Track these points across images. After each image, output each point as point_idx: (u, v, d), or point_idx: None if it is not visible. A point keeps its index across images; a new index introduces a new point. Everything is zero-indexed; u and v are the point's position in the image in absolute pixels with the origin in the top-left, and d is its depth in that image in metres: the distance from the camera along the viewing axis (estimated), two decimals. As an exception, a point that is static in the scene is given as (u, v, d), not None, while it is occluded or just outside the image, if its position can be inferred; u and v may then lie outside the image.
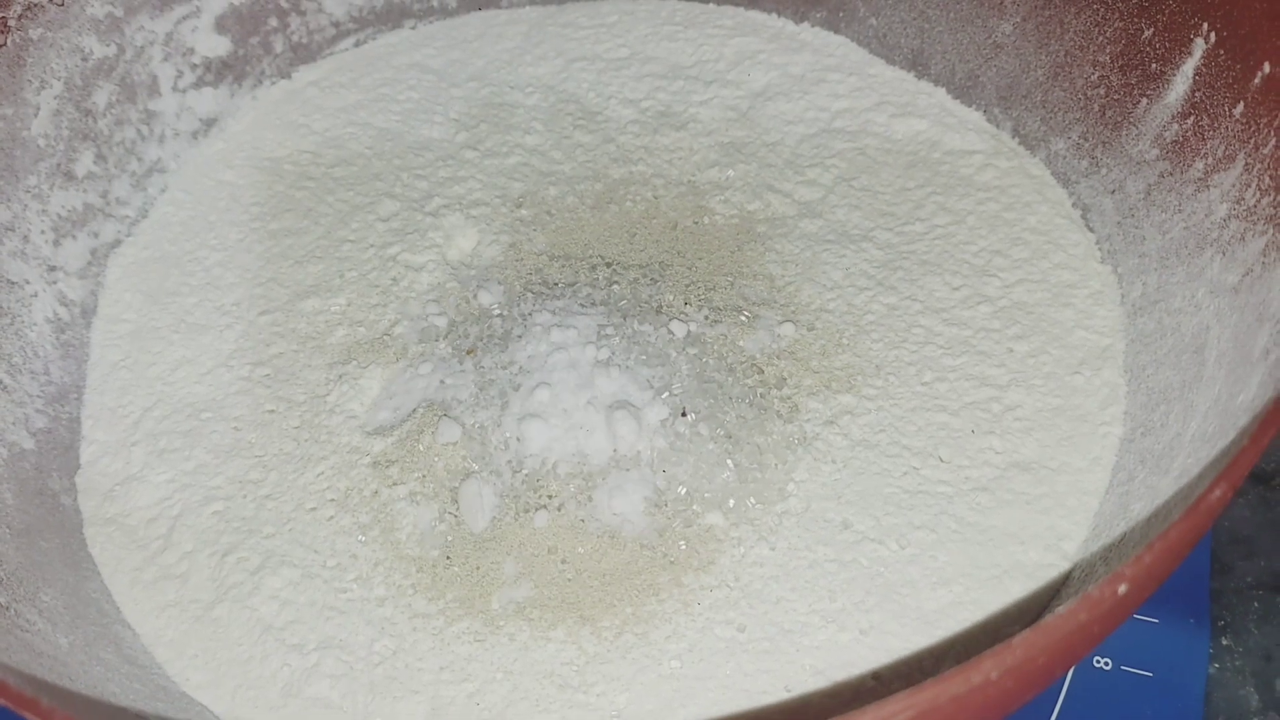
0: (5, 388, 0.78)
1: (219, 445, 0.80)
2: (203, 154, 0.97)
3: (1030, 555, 0.69)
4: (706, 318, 0.82)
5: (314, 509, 0.76)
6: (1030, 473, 0.73)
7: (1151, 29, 0.78)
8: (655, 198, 0.92)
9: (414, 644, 0.69)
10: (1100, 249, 0.83)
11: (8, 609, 0.64)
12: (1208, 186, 0.73)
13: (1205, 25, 0.73)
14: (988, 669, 0.40)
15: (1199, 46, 0.74)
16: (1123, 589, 0.42)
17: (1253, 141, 0.68)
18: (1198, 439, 0.64)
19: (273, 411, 0.81)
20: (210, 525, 0.76)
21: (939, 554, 0.70)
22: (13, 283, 0.82)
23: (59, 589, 0.70)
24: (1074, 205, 0.87)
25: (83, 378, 0.84)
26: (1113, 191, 0.83)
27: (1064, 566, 0.68)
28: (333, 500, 0.76)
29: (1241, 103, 0.70)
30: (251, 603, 0.72)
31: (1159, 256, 0.77)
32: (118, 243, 0.91)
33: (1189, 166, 0.75)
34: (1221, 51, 0.72)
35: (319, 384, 0.82)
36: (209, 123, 0.98)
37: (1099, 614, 0.42)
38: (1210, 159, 0.73)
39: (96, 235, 0.89)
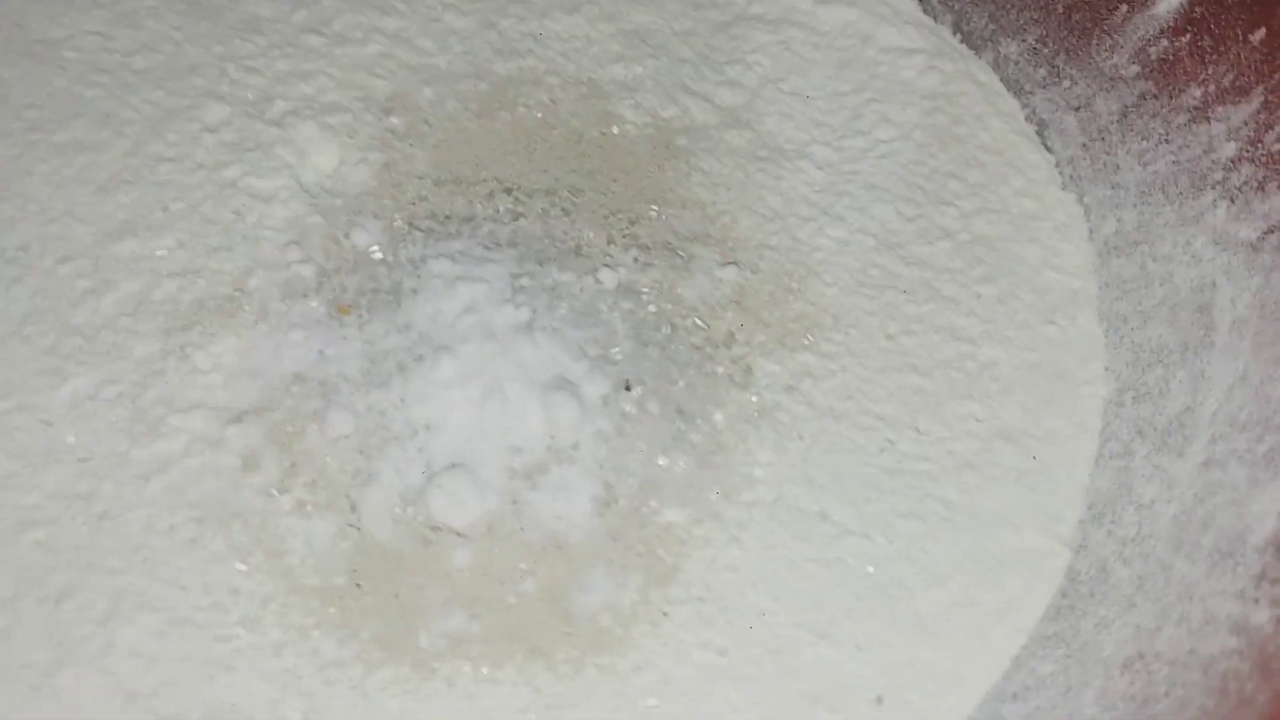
0: None
1: (27, 448, 0.61)
2: (-58, 32, 0.73)
3: (1026, 540, 0.63)
4: (636, 260, 0.69)
5: (170, 529, 0.60)
6: (1015, 443, 0.66)
7: (1141, -76, 0.69)
8: (553, 101, 0.76)
9: (329, 702, 0.57)
10: (1061, 174, 0.76)
11: None
12: (1207, 118, 0.65)
13: (1218, -70, 0.64)
14: None
15: (1205, -47, 0.65)
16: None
17: (1278, 77, 0.60)
18: (1222, 420, 0.58)
19: (93, 398, 0.63)
20: (34, 560, 0.59)
21: (929, 546, 0.63)
22: None
23: None
24: (1028, 120, 0.78)
25: None
26: (1077, 108, 0.74)
27: (1064, 554, 0.62)
28: (194, 517, 0.60)
29: (1263, 28, 0.62)
30: (105, 664, 0.57)
31: (1138, 190, 0.70)
32: None
33: (1181, 91, 0.67)
34: (1238, -36, 0.63)
35: (152, 358, 0.64)
36: (-54, -12, 0.73)
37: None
38: (1213, 87, 0.65)
39: None
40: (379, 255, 0.68)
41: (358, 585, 0.59)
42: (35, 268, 0.66)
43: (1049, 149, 0.77)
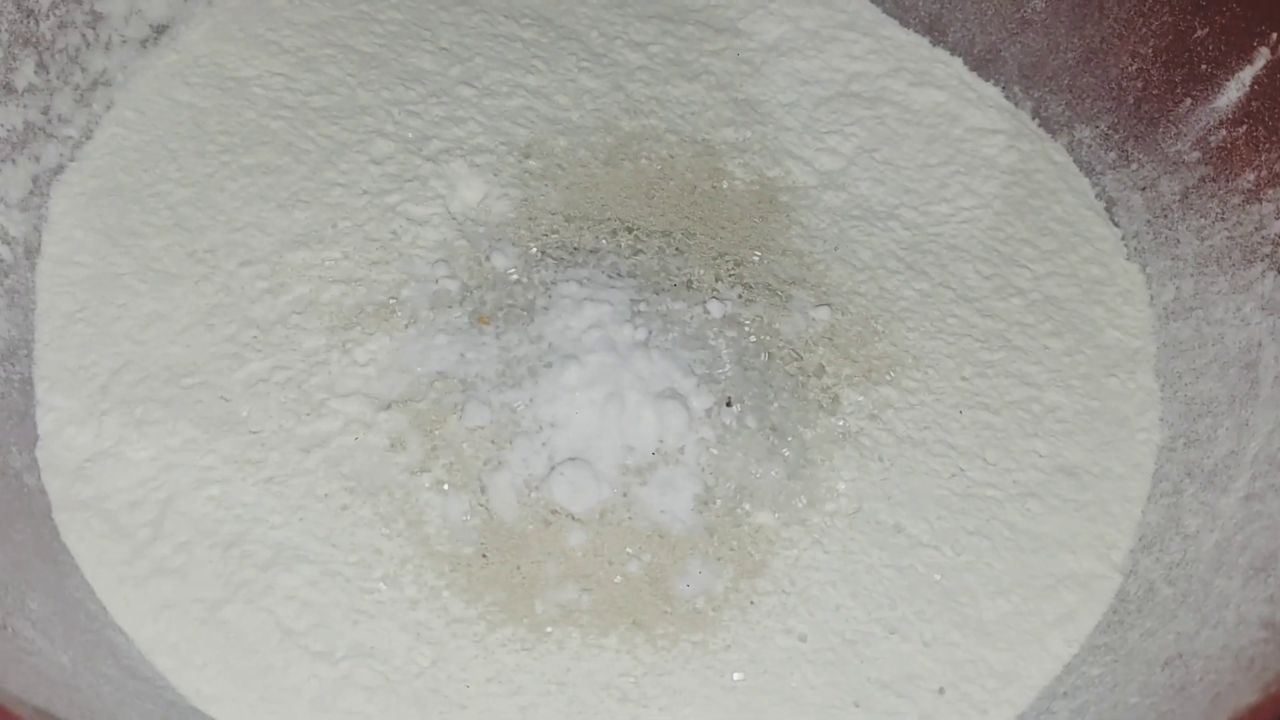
0: (-48, 347, 0.66)
1: (207, 418, 0.71)
2: (153, 66, 0.85)
3: (1082, 564, 0.70)
4: (740, 296, 0.78)
5: (326, 495, 0.69)
6: (1075, 478, 0.73)
7: (1206, 29, 0.77)
8: (670, 156, 0.86)
9: (455, 652, 0.64)
10: (1127, 245, 0.83)
11: (4, 628, 0.55)
12: (1259, 199, 0.73)
13: (1275, 35, 0.72)
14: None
15: (1262, 55, 0.73)
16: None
17: (1324, 164, 0.68)
18: (1263, 460, 0.65)
19: (266, 381, 0.72)
20: (207, 512, 0.68)
21: (994, 561, 0.69)
22: (-51, 217, 0.69)
23: (44, 592, 0.61)
24: (1098, 197, 0.86)
25: (30, 330, 0.73)
26: (1143, 188, 0.82)
27: (1115, 578, 0.69)
28: (347, 487, 0.69)
29: (1313, 122, 0.70)
30: (266, 603, 0.65)
31: (1196, 262, 0.77)
32: (60, 169, 0.79)
33: (1237, 176, 0.75)
34: (1292, 66, 0.71)
35: (317, 350, 0.74)
36: (160, 29, 0.85)
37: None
38: (1265, 172, 0.73)
39: (38, 160, 0.77)
40: (515, 276, 0.78)
41: (484, 556, 0.67)
42: (221, 268, 0.76)
43: (1116, 223, 0.85)
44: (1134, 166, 0.83)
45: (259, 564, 0.66)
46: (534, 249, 0.79)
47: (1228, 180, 0.76)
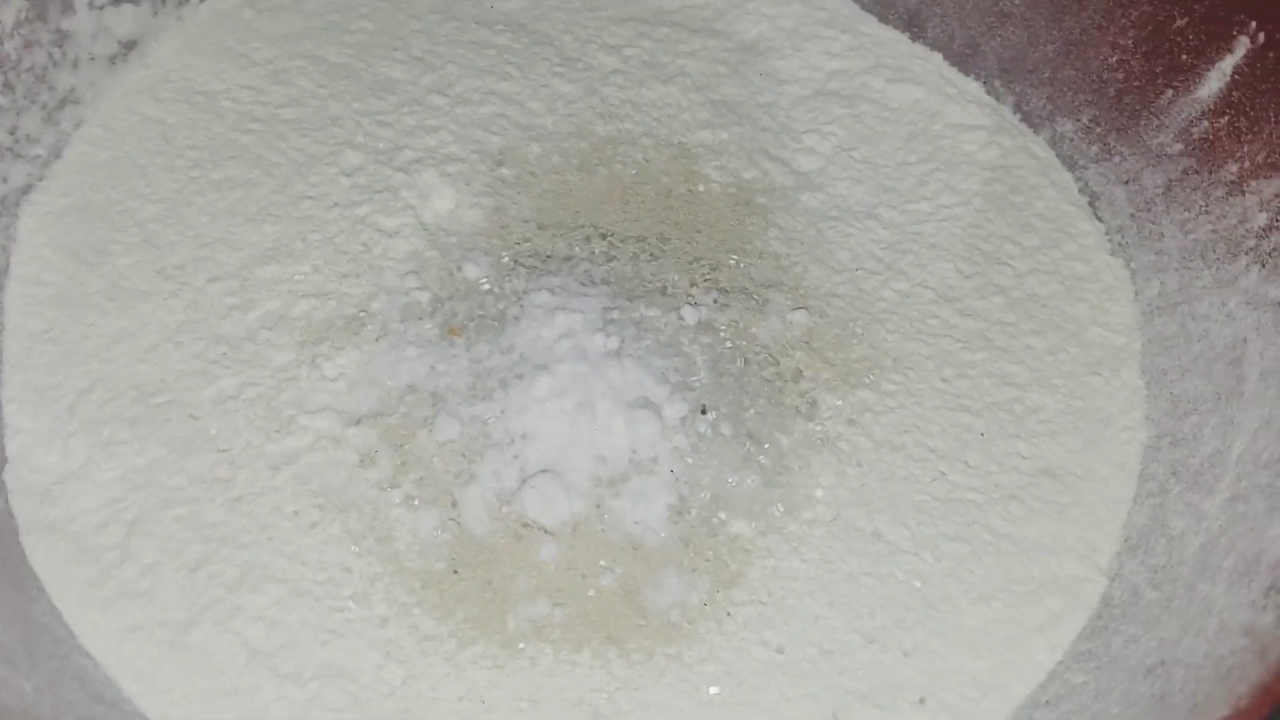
0: (-85, 370, 0.66)
1: (174, 437, 0.70)
2: (122, 83, 0.84)
3: (1066, 568, 0.68)
4: (715, 301, 0.77)
5: (295, 513, 0.68)
6: (1058, 480, 0.71)
7: (1186, 19, 0.76)
8: (646, 160, 0.85)
9: (425, 670, 0.63)
10: (1110, 240, 0.82)
11: (-39, 655, 0.54)
12: (1242, 191, 0.71)
13: (1254, 24, 0.71)
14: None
15: (1242, 44, 0.72)
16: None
17: (1307, 154, 0.67)
18: (1248, 460, 0.63)
19: (235, 398, 0.72)
20: (173, 533, 0.67)
21: (975, 567, 0.68)
22: (-87, 240, 0.69)
23: (8, 616, 0.60)
24: (1081, 191, 0.85)
25: (-1, 351, 0.73)
26: (1126, 182, 0.81)
27: (1100, 581, 0.67)
28: (316, 504, 0.68)
29: (1294, 111, 0.68)
30: (234, 625, 0.64)
31: (1180, 256, 0.76)
32: (29, 189, 0.78)
33: (1220, 167, 0.73)
34: (1271, 53, 0.70)
35: (286, 366, 0.73)
36: (129, 45, 0.85)
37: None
38: (1248, 163, 0.71)
39: (5, 180, 0.77)
40: (487, 286, 0.77)
41: (455, 571, 0.66)
42: (190, 284, 0.76)
43: (1099, 218, 0.83)
44: (1116, 160, 0.82)
45: (227, 584, 0.65)
46: (506, 258, 0.78)
47: (1210, 172, 0.74)
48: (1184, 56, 0.76)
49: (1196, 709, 0.50)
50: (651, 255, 0.79)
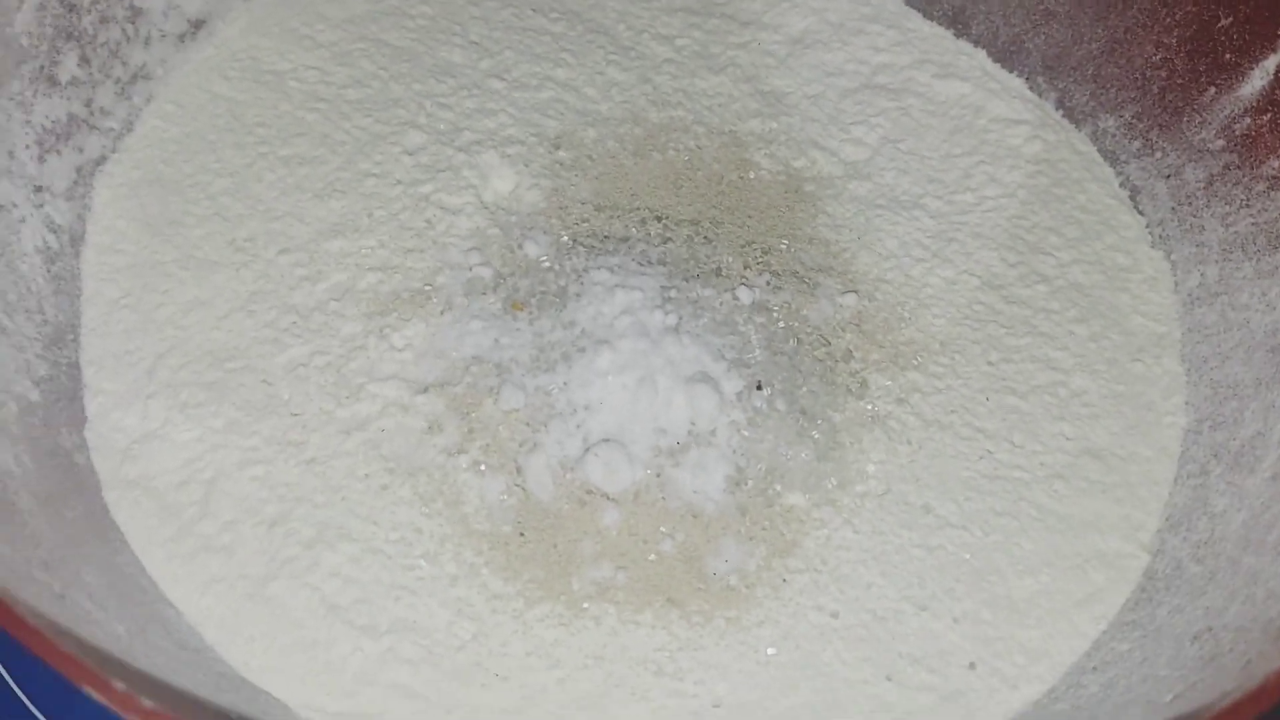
0: (4, 330, 0.68)
1: (249, 401, 0.72)
2: (191, 60, 0.86)
3: (1109, 544, 0.71)
4: (768, 283, 0.79)
5: (366, 476, 0.70)
6: (1101, 460, 0.74)
7: (1230, 18, 0.78)
8: (698, 147, 0.87)
9: (495, 627, 0.66)
10: (1151, 233, 0.84)
11: (64, 598, 0.56)
12: (1284, 185, 0.74)
13: (1298, 24, 0.73)
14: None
15: (1286, 43, 0.74)
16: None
17: (1348, 149, 0.69)
18: (1291, 442, 0.66)
19: (305, 365, 0.74)
20: (250, 492, 0.69)
21: (1022, 541, 0.70)
22: (0, 205, 0.71)
23: (97, 567, 0.62)
24: (1122, 185, 0.87)
25: (77, 316, 0.75)
26: (1167, 176, 0.83)
27: (1143, 557, 0.70)
28: (387, 468, 0.70)
29: (1336, 108, 0.70)
30: (311, 580, 0.66)
31: (1220, 248, 0.78)
32: (103, 160, 0.81)
33: (1261, 163, 0.76)
34: (1315, 53, 0.72)
35: (354, 335, 0.75)
36: (197, 24, 0.87)
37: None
38: (1290, 158, 0.74)
39: (81, 151, 0.79)
40: (547, 264, 0.79)
41: (521, 534, 0.69)
42: (260, 256, 0.78)
43: (1140, 211, 0.86)
44: (1158, 155, 0.84)
45: (303, 541, 0.68)
46: (565, 237, 0.81)
47: (1252, 167, 0.77)
48: (1227, 55, 0.79)
49: (1250, 665, 0.53)
50: (705, 238, 0.82)
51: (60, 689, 0.72)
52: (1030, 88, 0.93)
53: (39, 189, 0.75)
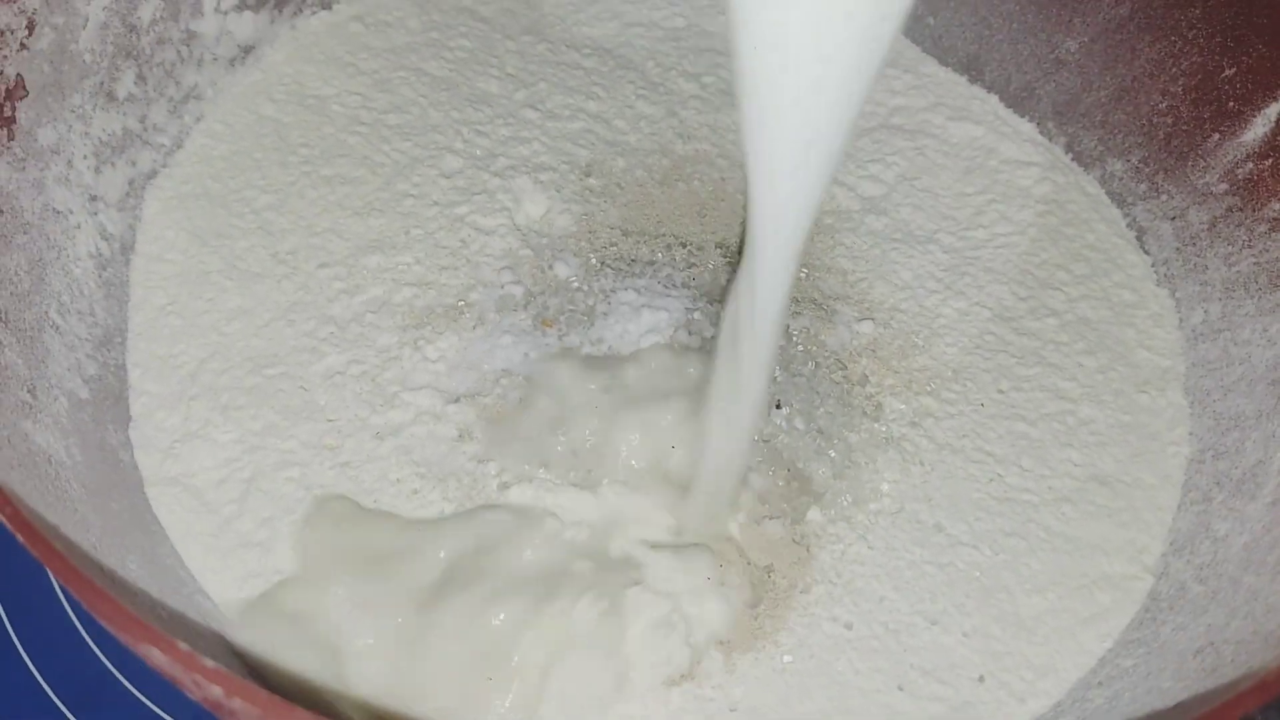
0: (58, 329, 0.71)
1: (287, 406, 0.75)
2: (240, 84, 0.90)
3: (1115, 566, 0.73)
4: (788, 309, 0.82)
5: (398, 480, 0.73)
6: (1107, 486, 0.76)
7: (1234, 69, 0.82)
8: (722, 179, 0.91)
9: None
10: (1157, 271, 0.87)
11: (113, 580, 0.59)
12: (1285, 227, 0.77)
13: (1299, 74, 0.77)
14: None
15: (1287, 93, 0.78)
16: None
17: (1346, 193, 0.72)
18: (1291, 470, 0.68)
19: (342, 374, 0.77)
20: (287, 492, 0.72)
21: (1031, 561, 0.73)
22: (58, 211, 0.75)
23: (140, 556, 0.65)
24: (1129, 226, 0.90)
25: (124, 320, 0.78)
26: (1173, 218, 0.87)
27: (1148, 579, 0.72)
28: (418, 473, 0.73)
29: (1335, 154, 0.74)
30: (343, 578, 0.69)
31: (1223, 287, 0.82)
32: (154, 174, 0.84)
33: (1263, 205, 0.79)
34: (1315, 102, 0.76)
35: (389, 347, 0.78)
36: (247, 50, 0.91)
37: None
38: (1290, 202, 0.77)
39: (134, 164, 0.82)
40: (576, 284, 0.82)
41: (547, 540, 0.71)
42: (301, 269, 0.81)
43: (1146, 251, 0.89)
44: (1164, 197, 0.88)
45: (335, 541, 0.70)
46: (594, 260, 0.84)
47: (1254, 210, 0.80)
48: (1231, 103, 0.82)
49: (1249, 672, 0.55)
50: (729, 264, 0.85)
51: (86, 679, 0.74)
52: (1041, 132, 0.96)
53: (94, 198, 0.78)
